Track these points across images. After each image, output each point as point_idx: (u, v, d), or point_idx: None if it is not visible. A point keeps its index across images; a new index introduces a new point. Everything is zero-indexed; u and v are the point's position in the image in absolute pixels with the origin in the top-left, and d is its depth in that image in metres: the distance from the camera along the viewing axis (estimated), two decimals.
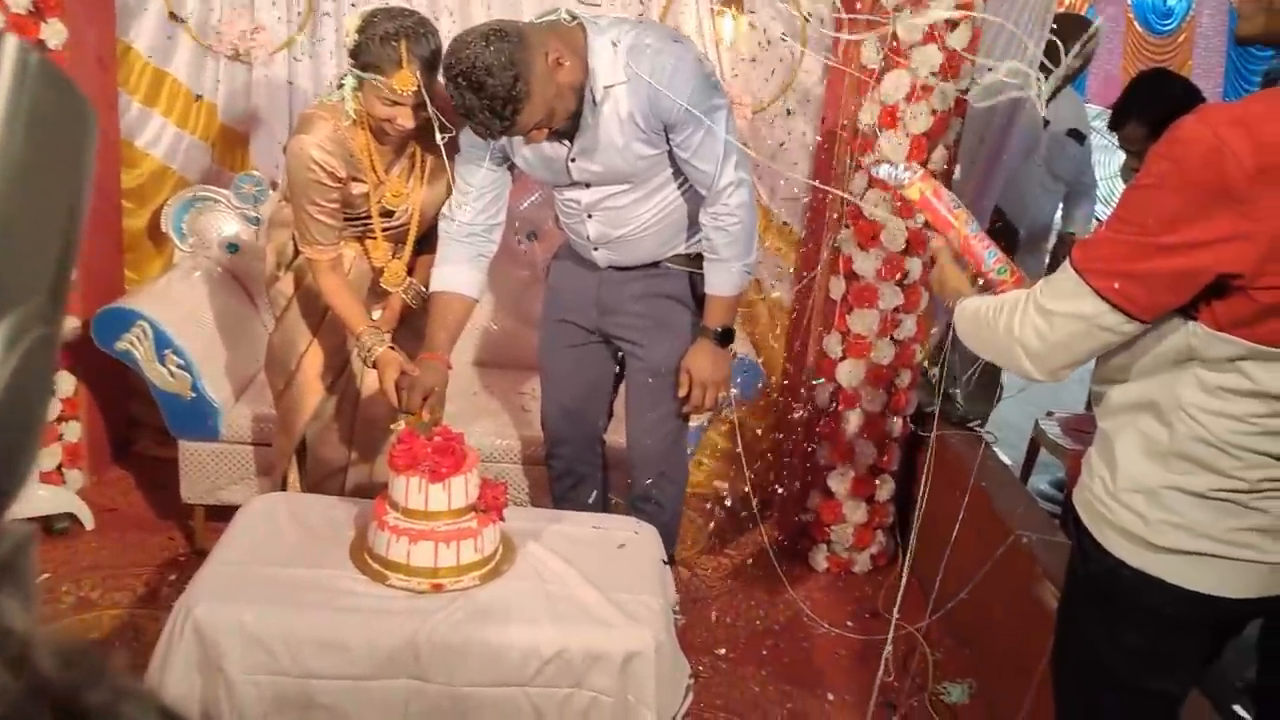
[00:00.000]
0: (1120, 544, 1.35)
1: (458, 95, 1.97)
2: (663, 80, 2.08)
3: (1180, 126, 1.21)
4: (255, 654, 1.87)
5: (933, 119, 2.90)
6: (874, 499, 3.16)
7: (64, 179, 0.39)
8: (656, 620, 2.01)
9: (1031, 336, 1.33)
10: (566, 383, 2.53)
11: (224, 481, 2.88)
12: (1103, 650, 1.41)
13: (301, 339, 2.50)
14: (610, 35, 2.10)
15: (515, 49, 1.94)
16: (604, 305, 2.43)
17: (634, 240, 2.33)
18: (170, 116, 3.27)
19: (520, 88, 1.95)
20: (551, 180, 2.32)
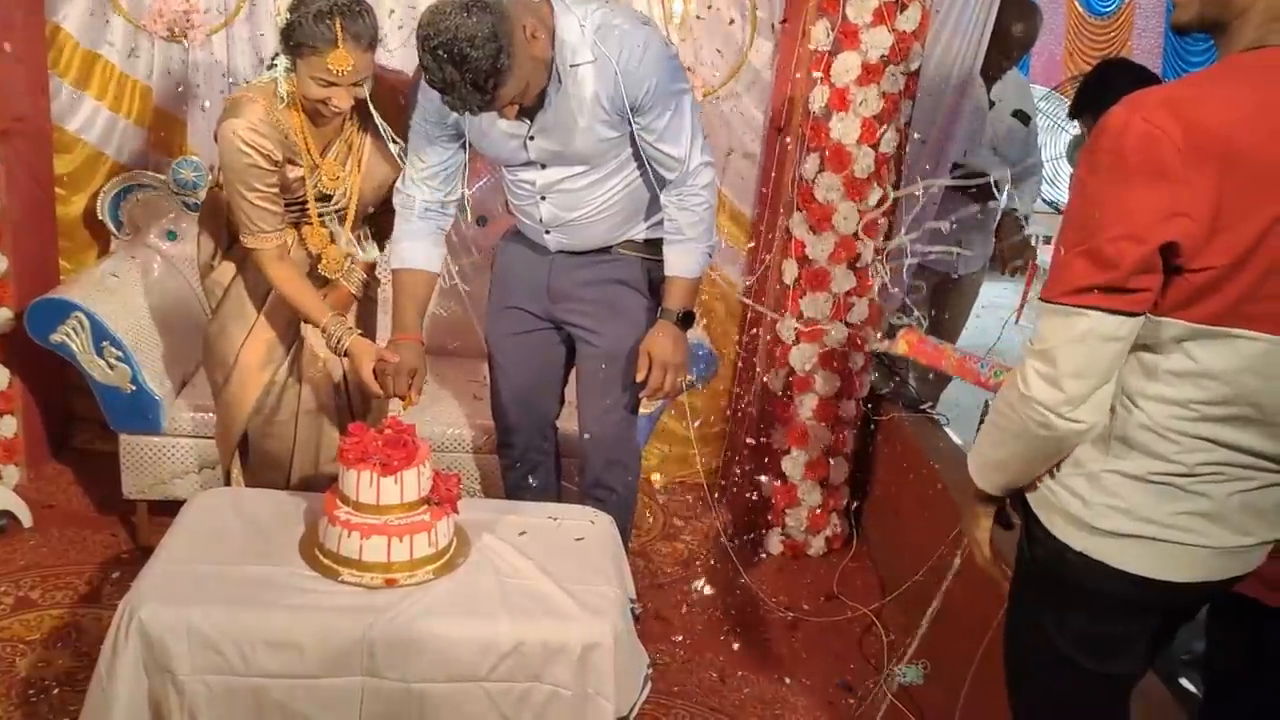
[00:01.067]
0: (1064, 528, 1.36)
1: (435, 68, 1.90)
2: (632, 62, 2.05)
3: (1109, 117, 1.22)
4: (204, 655, 1.82)
5: (883, 101, 2.90)
6: (828, 482, 3.17)
7: None
8: (614, 611, 1.99)
9: (1042, 387, 1.27)
10: (517, 370, 2.49)
11: (167, 476, 2.81)
12: (1051, 633, 1.42)
13: (240, 330, 2.43)
14: (577, 13, 2.07)
15: (497, 20, 1.89)
16: (555, 291, 2.40)
17: (587, 224, 2.30)
18: (103, 100, 3.16)
19: (504, 60, 1.90)
20: (506, 159, 2.27)
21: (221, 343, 2.45)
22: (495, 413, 2.57)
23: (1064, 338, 1.26)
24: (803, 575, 3.10)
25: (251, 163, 2.18)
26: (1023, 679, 1.54)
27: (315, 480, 2.51)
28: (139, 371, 2.73)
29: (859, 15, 2.83)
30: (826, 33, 2.87)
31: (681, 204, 2.23)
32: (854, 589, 3.01)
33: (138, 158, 3.23)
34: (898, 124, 2.97)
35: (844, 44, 2.86)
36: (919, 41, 2.91)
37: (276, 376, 2.45)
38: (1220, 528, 1.32)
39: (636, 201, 2.30)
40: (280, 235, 2.29)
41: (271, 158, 2.19)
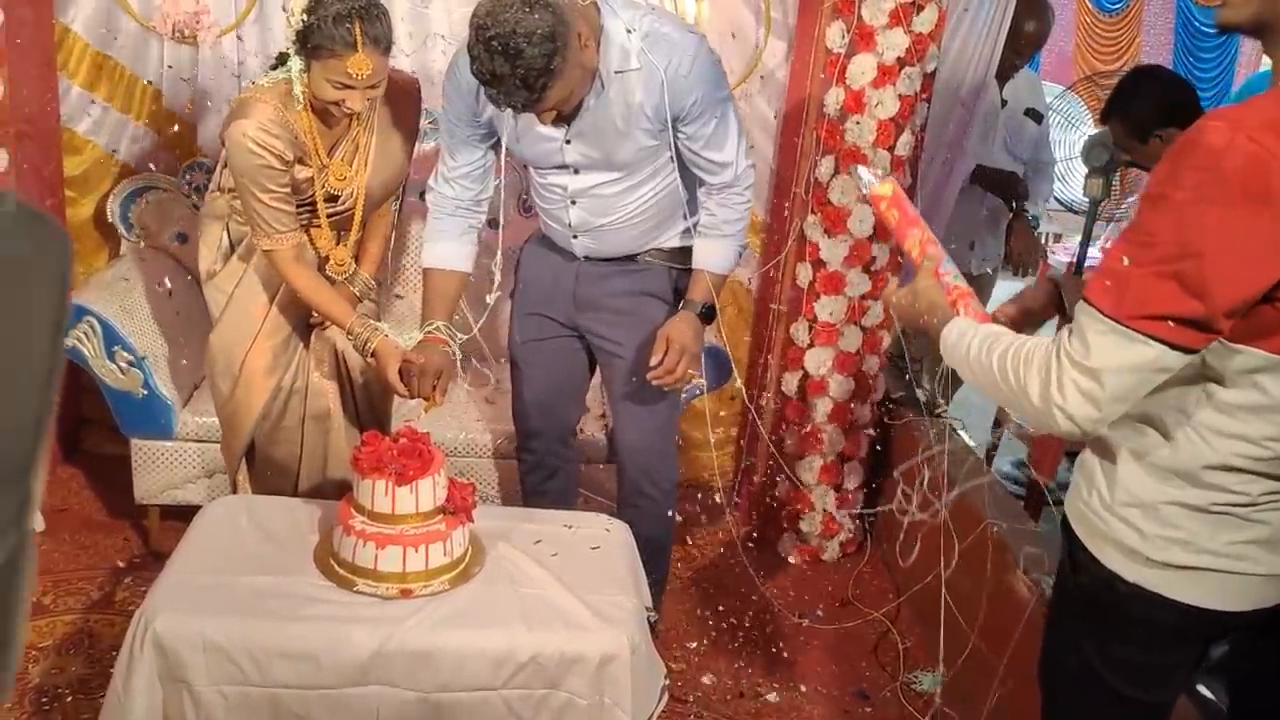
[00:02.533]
0: (1116, 558, 1.34)
1: (486, 58, 1.85)
2: (680, 72, 2.04)
3: (1207, 132, 1.12)
4: (220, 666, 1.81)
5: (899, 103, 2.87)
6: (842, 487, 3.15)
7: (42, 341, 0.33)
8: (631, 622, 1.97)
9: (1080, 402, 1.21)
10: (539, 376, 2.47)
11: (178, 481, 2.79)
12: (1096, 662, 1.40)
13: (245, 336, 2.40)
14: (625, 19, 2.04)
15: (556, 22, 1.85)
16: (581, 299, 2.37)
17: (616, 230, 2.27)
18: (113, 102, 3.14)
19: (556, 62, 1.87)
20: (539, 162, 2.24)
21: (226, 349, 2.42)
22: (516, 417, 2.55)
23: (1120, 362, 1.18)
24: (817, 581, 3.08)
25: (264, 164, 2.16)
26: (1062, 706, 1.51)
27: (323, 487, 2.49)
28: (150, 376, 2.71)
29: (874, 17, 2.81)
30: (842, 34, 2.84)
31: (724, 201, 2.23)
32: (869, 594, 3.00)
33: (147, 160, 3.21)
34: (913, 126, 2.94)
35: (859, 46, 2.84)
36: (935, 43, 2.89)
37: (282, 382, 2.44)
38: (1276, 554, 1.30)
39: (667, 209, 2.28)
40: (296, 235, 2.27)
41: (283, 158, 2.17)
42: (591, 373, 2.51)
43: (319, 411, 2.49)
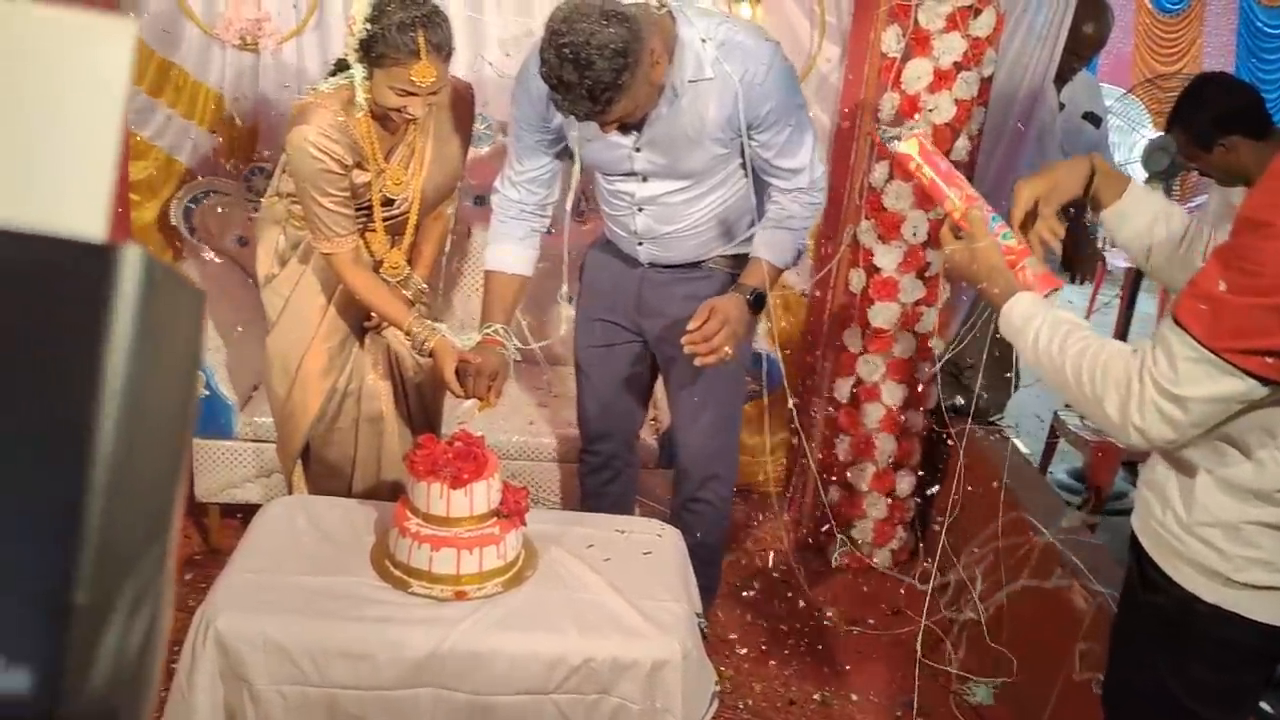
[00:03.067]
0: (1194, 578, 1.31)
1: (556, 65, 1.85)
2: (756, 81, 2.03)
3: None
4: (279, 665, 1.84)
5: (956, 108, 2.85)
6: (894, 494, 3.13)
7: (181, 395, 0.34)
8: (682, 628, 1.97)
9: (1160, 426, 1.19)
10: (604, 382, 2.49)
11: (238, 480, 2.84)
12: (1171, 682, 1.37)
13: (302, 339, 2.44)
14: (700, 28, 2.03)
15: (630, 38, 1.85)
16: (645, 306, 2.37)
17: (681, 237, 2.27)
18: (176, 107, 3.21)
19: (625, 78, 1.86)
20: (608, 168, 2.24)
21: (283, 352, 2.45)
22: (581, 421, 2.57)
23: (1209, 393, 1.15)
24: (869, 588, 3.07)
25: (324, 168, 2.19)
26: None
27: (377, 488, 2.52)
28: (212, 377, 2.77)
29: (931, 21, 2.79)
30: (897, 39, 2.82)
31: (796, 199, 2.20)
32: (921, 603, 2.96)
33: (209, 164, 3.27)
34: (969, 131, 2.91)
35: (915, 50, 2.82)
36: (992, 47, 2.86)
37: (337, 384, 2.47)
38: None
39: (733, 216, 2.26)
40: (355, 238, 2.30)
41: (343, 162, 2.20)
42: (655, 377, 2.52)
43: (373, 413, 2.52)
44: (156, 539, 0.33)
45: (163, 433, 0.33)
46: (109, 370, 0.30)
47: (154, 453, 0.33)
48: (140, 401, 0.31)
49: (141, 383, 0.31)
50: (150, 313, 0.31)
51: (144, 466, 0.32)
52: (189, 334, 0.35)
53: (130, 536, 0.32)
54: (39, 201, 0.33)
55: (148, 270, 0.31)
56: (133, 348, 0.31)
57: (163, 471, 0.34)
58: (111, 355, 0.30)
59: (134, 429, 0.31)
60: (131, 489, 0.32)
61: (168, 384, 0.33)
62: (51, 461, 0.30)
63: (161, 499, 0.34)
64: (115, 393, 0.30)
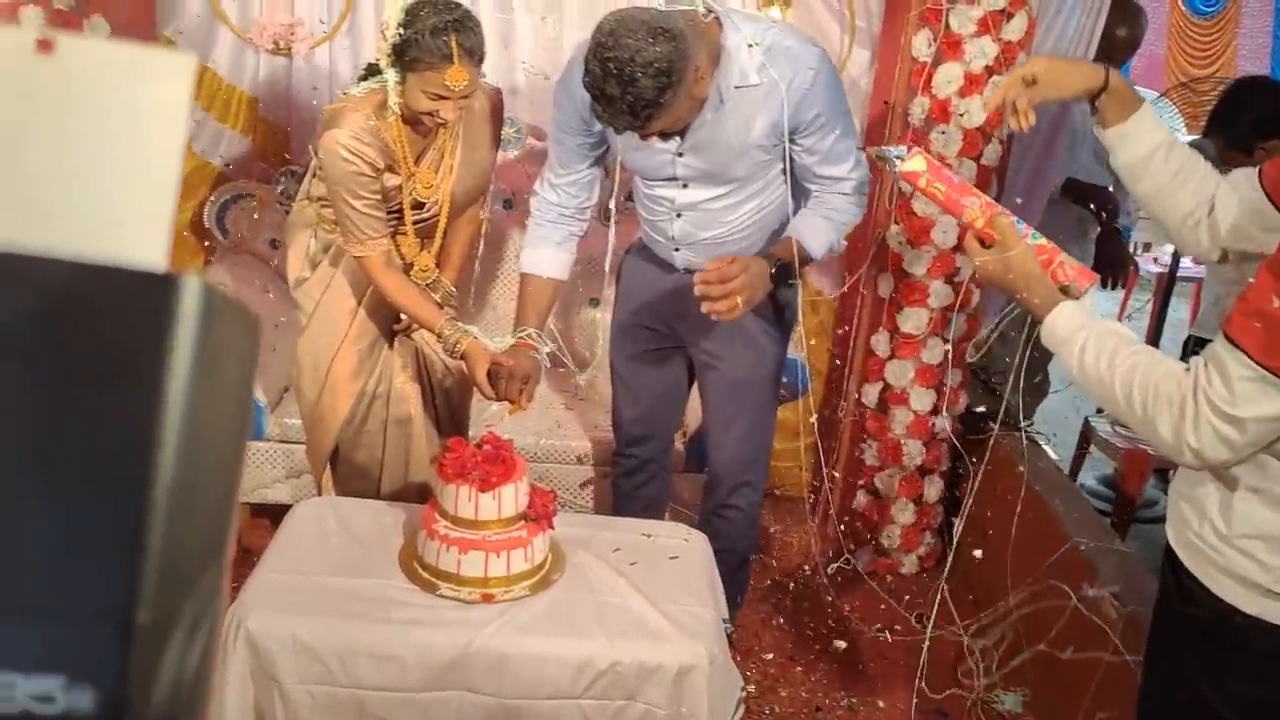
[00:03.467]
0: (1234, 589, 1.30)
1: (600, 76, 1.85)
2: (802, 86, 2.02)
3: None
4: (308, 665, 1.85)
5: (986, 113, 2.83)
6: (922, 500, 3.11)
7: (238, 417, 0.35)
8: (709, 633, 1.97)
9: (1216, 446, 1.17)
10: (641, 388, 2.49)
11: (268, 480, 2.87)
12: (1211, 696, 1.36)
13: (332, 342, 2.45)
14: (746, 32, 2.02)
15: (675, 56, 1.85)
16: (681, 312, 2.36)
17: (718, 244, 2.25)
18: (210, 111, 3.24)
19: (668, 96, 1.87)
20: (649, 173, 2.23)
21: (314, 354, 2.47)
22: (616, 425, 2.58)
23: (1266, 411, 1.14)
24: (895, 594, 3.05)
25: (356, 170, 2.20)
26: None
27: (404, 490, 2.54)
28: None
29: (962, 25, 2.77)
30: (928, 43, 2.81)
31: (839, 193, 2.17)
32: (948, 610, 2.95)
33: (242, 167, 3.31)
34: (1000, 135, 2.90)
35: (946, 54, 2.80)
36: (1025, 51, 2.84)
37: (366, 387, 2.48)
38: None
39: (771, 223, 2.25)
40: (387, 241, 2.31)
41: (374, 165, 2.22)
42: (691, 382, 2.52)
43: (401, 416, 2.53)
44: (214, 559, 0.34)
45: (220, 455, 0.34)
46: (170, 395, 0.31)
47: (212, 474, 0.34)
48: (199, 425, 0.32)
49: (201, 407, 0.32)
50: (208, 339, 0.32)
51: (203, 488, 0.33)
52: (244, 358, 0.36)
53: (190, 556, 0.33)
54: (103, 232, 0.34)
55: (206, 298, 0.32)
56: (192, 374, 0.32)
57: (220, 492, 0.35)
58: (173, 381, 0.31)
59: (193, 452, 0.32)
60: (191, 510, 0.32)
61: (225, 407, 0.34)
62: (115, 484, 0.31)
63: (219, 519, 0.34)
64: (176, 417, 0.31)
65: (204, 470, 0.33)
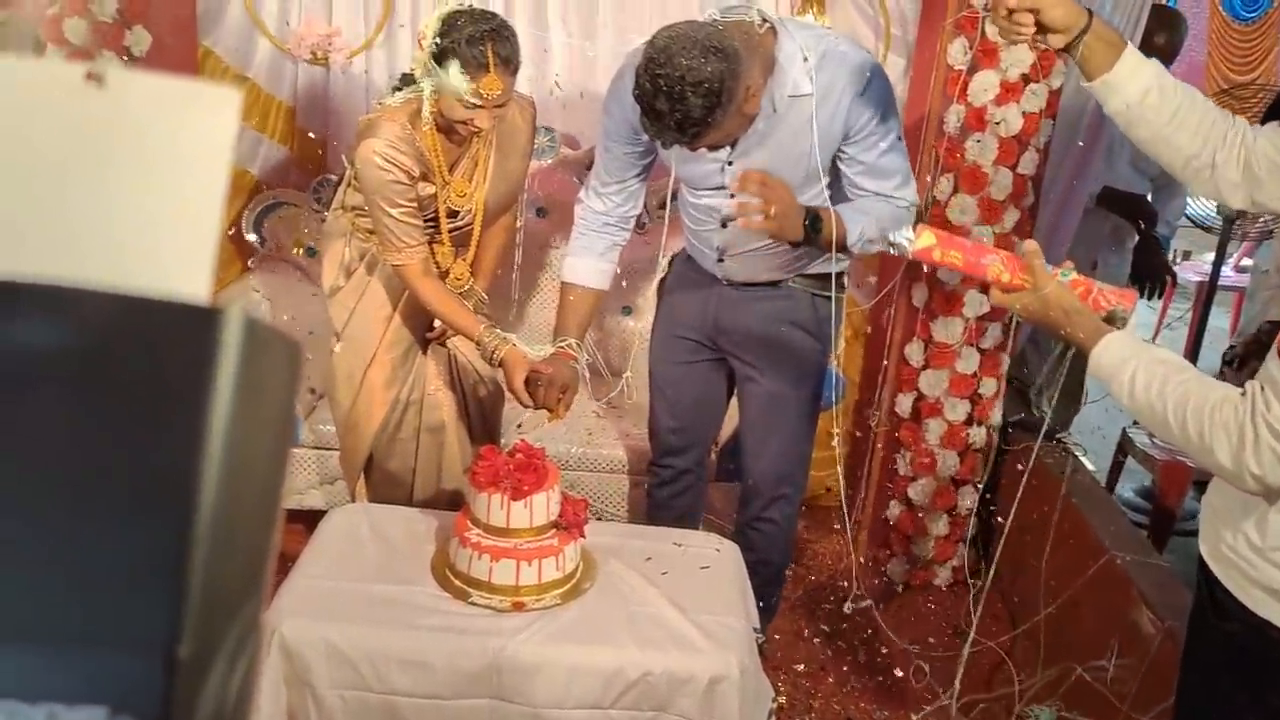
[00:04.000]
0: (1268, 603, 1.28)
1: (650, 91, 1.85)
2: (856, 89, 2.00)
3: None
4: (341, 670, 1.87)
5: (1023, 120, 2.81)
6: (956, 511, 3.09)
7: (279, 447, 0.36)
8: (740, 643, 1.97)
9: (1278, 469, 1.16)
10: (679, 398, 2.48)
11: (303, 486, 2.90)
12: (1246, 712, 1.34)
13: (366, 350, 2.46)
14: (800, 40, 2.01)
15: (727, 76, 1.84)
16: (722, 324, 2.36)
17: (762, 255, 2.24)
18: (249, 120, 3.29)
19: (716, 116, 1.86)
20: (698, 182, 2.22)
21: (348, 363, 2.48)
22: (653, 435, 2.57)
23: None
24: (928, 606, 3.03)
25: (393, 179, 2.22)
26: None
27: (436, 497, 2.55)
28: None
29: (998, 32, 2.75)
30: (964, 50, 2.79)
31: (885, 200, 2.09)
32: (982, 622, 2.91)
33: (279, 176, 3.35)
34: (1037, 144, 2.87)
35: (982, 62, 2.78)
36: (1062, 59, 2.81)
37: (400, 395, 2.50)
38: None
39: None
40: (425, 249, 2.32)
41: (410, 173, 2.24)
42: (730, 394, 2.51)
43: (434, 424, 2.54)
44: (255, 588, 0.34)
45: (261, 484, 0.35)
46: (213, 428, 0.31)
47: (253, 504, 0.34)
48: (240, 456, 0.32)
49: (242, 438, 0.32)
50: (250, 371, 0.32)
51: (244, 518, 0.33)
52: (285, 387, 0.36)
53: (232, 586, 0.33)
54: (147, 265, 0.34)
55: (249, 330, 0.32)
56: (234, 405, 0.32)
57: (260, 524, 0.35)
58: (215, 414, 0.31)
59: (235, 482, 0.32)
60: (232, 540, 0.33)
61: (265, 437, 0.34)
62: (158, 515, 0.31)
63: (260, 550, 0.35)
64: (218, 449, 0.31)
65: (245, 502, 0.33)
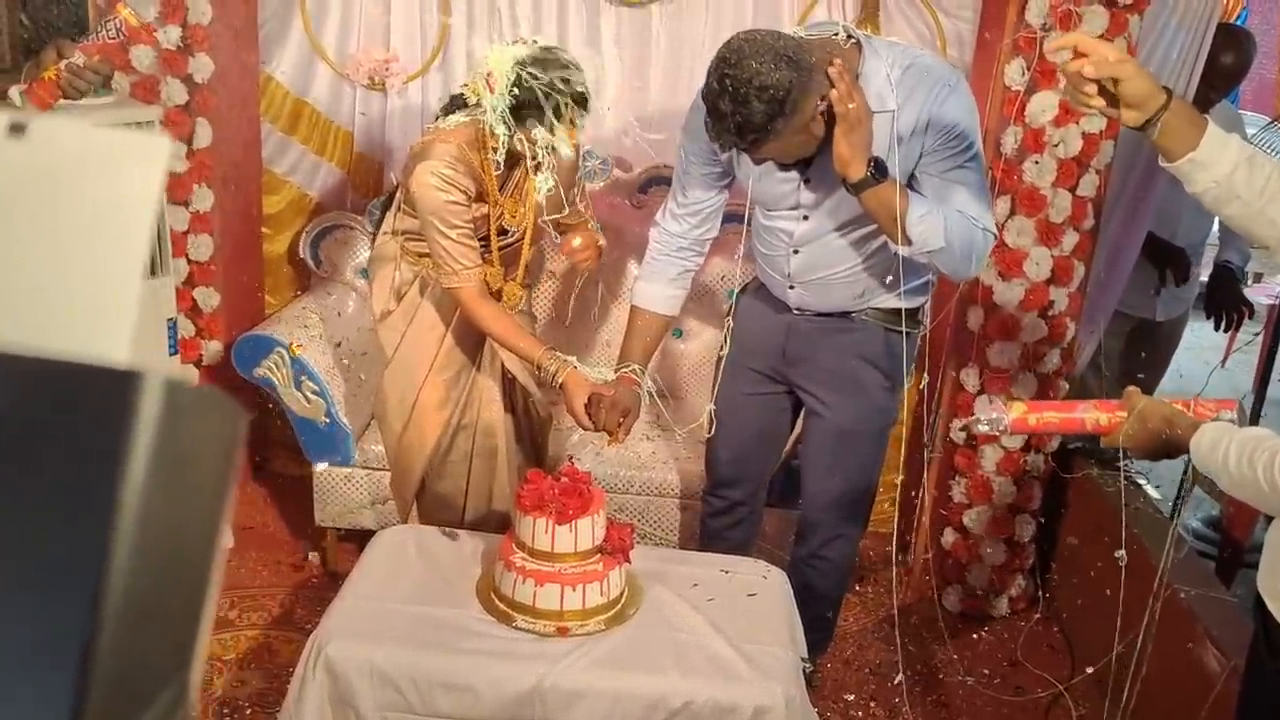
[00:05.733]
0: None
1: (716, 91, 1.85)
2: (939, 99, 1.96)
3: None
4: (385, 693, 1.88)
5: (1083, 141, 2.75)
6: (1013, 540, 3.02)
7: (209, 519, 0.34)
8: (786, 674, 1.94)
9: None
10: (742, 429, 2.43)
11: (354, 506, 2.92)
12: None
13: (418, 373, 2.47)
14: (885, 58, 1.99)
15: (797, 86, 1.82)
16: (792, 356, 2.33)
17: (833, 283, 2.21)
18: (309, 144, 3.35)
19: (778, 124, 1.85)
20: (772, 203, 2.19)
21: (399, 386, 2.48)
22: (710, 464, 2.54)
23: None
24: (984, 637, 2.96)
25: (451, 200, 2.23)
26: None
27: (487, 518, 2.55)
28: (333, 405, 2.86)
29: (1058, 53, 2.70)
30: (1021, 72, 2.75)
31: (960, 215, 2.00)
32: (1040, 656, 2.85)
33: (336, 198, 3.40)
34: (1097, 165, 2.81)
35: (1040, 83, 2.74)
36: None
37: (452, 418, 2.50)
38: None
39: (886, 266, 2.15)
40: (481, 271, 2.32)
41: (468, 194, 2.25)
42: (792, 429, 2.47)
43: (488, 448, 2.54)
44: (178, 670, 0.32)
45: (186, 562, 0.33)
46: (126, 500, 0.29)
47: (176, 583, 0.32)
48: (160, 534, 0.30)
49: (162, 514, 0.30)
50: (173, 440, 0.30)
51: (164, 598, 0.31)
52: (219, 456, 0.34)
53: (147, 671, 0.31)
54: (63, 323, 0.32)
55: (171, 396, 0.30)
56: (152, 479, 0.30)
57: (185, 602, 0.33)
58: (129, 485, 0.30)
59: (153, 560, 0.30)
60: (148, 623, 0.31)
61: (193, 511, 0.32)
62: (63, 597, 0.29)
63: (183, 630, 0.33)
64: (131, 527, 0.29)
65: (166, 578, 0.31)
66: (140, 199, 0.34)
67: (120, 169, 0.34)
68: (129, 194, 0.34)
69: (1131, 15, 2.68)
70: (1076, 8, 2.66)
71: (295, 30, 3.23)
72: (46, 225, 0.33)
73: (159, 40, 2.87)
